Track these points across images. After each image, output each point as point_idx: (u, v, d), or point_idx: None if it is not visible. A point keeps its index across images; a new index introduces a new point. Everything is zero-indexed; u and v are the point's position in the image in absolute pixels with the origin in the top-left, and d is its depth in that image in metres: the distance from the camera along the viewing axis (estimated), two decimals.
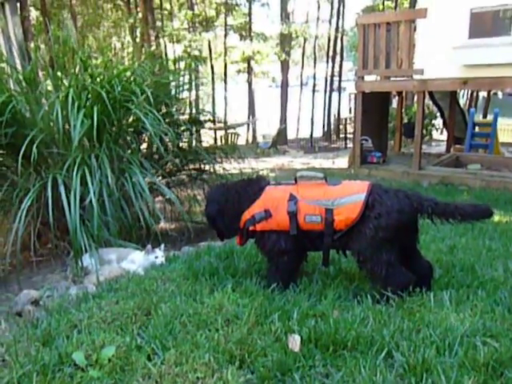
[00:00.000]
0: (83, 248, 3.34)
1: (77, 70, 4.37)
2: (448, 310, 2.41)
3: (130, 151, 4.43)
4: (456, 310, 2.40)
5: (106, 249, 3.57)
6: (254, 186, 2.81)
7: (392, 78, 8.51)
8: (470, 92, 17.08)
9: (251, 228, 2.69)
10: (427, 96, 9.35)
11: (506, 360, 1.91)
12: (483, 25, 7.27)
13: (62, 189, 3.46)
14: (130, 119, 4.47)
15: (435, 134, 15.85)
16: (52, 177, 3.56)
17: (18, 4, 6.94)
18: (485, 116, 15.15)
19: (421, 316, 2.34)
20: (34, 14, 16.86)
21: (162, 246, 3.57)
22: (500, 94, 22.03)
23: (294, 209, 2.56)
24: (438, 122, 14.54)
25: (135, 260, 3.46)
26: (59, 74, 4.45)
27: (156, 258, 3.45)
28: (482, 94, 18.28)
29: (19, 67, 4.99)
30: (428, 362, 1.89)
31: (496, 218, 4.96)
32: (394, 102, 13.72)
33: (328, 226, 2.54)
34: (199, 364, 1.91)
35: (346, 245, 2.64)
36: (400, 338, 2.11)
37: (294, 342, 2.07)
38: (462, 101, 17.14)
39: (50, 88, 4.46)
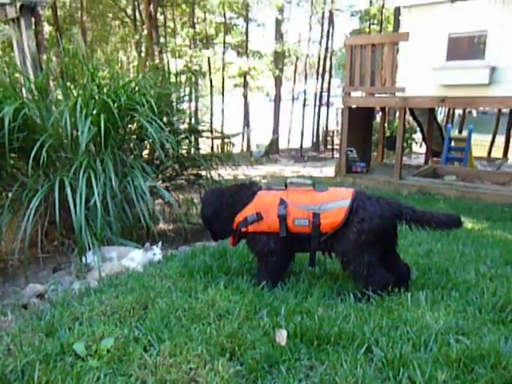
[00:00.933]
0: (87, 246, 3.31)
1: (85, 80, 4.36)
2: (424, 309, 2.41)
3: (132, 156, 4.42)
4: (431, 309, 2.40)
5: (108, 247, 3.53)
6: (246, 190, 2.81)
7: (376, 95, 8.56)
8: (447, 109, 17.21)
9: (243, 230, 2.69)
10: (408, 112, 9.41)
11: (476, 356, 1.90)
12: (460, 48, 7.32)
13: (68, 190, 3.43)
14: (134, 127, 4.46)
15: (415, 147, 15.94)
16: (59, 179, 3.53)
17: (33, 19, 6.88)
18: (460, 132, 15.29)
19: (399, 314, 2.33)
20: (46, 28, 16.82)
21: (160, 243, 3.54)
22: (474, 112, 22.22)
23: (283, 212, 2.57)
24: (418, 136, 14.64)
25: (134, 258, 3.43)
26: (69, 84, 4.43)
27: (154, 255, 3.42)
28: (458, 111, 18.45)
29: (32, 77, 4.96)
30: (405, 357, 1.88)
31: (469, 225, 4.99)
32: (378, 117, 13.81)
33: (315, 228, 2.55)
34: (192, 355, 1.89)
35: (331, 247, 2.64)
36: (379, 334, 2.10)
37: (281, 337, 2.05)
38: (440, 117, 17.27)
39: (59, 97, 4.45)
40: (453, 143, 10.19)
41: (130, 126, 4.40)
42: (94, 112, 3.92)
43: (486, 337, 2.09)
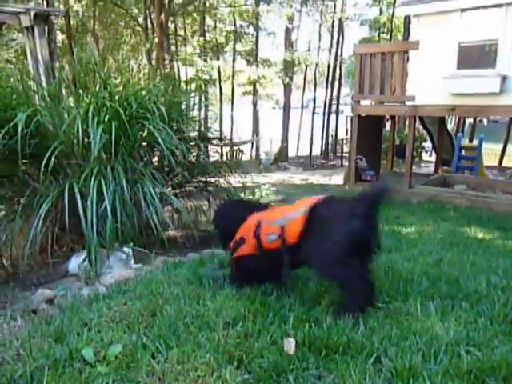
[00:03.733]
0: (94, 251, 3.32)
1: (97, 88, 4.40)
2: (434, 319, 2.38)
3: (142, 163, 4.44)
4: (441, 320, 2.37)
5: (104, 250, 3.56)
6: (250, 206, 2.92)
7: (386, 103, 8.55)
8: (457, 118, 17.12)
9: (235, 255, 2.75)
10: (418, 120, 9.38)
11: (487, 369, 1.87)
12: (470, 57, 7.30)
13: (78, 196, 3.45)
14: (145, 134, 4.49)
15: (424, 156, 15.86)
16: (69, 184, 3.56)
17: (46, 27, 7.00)
18: (471, 140, 15.19)
19: (408, 324, 2.30)
20: (59, 37, 17.09)
21: (131, 244, 3.62)
22: (485, 121, 22.07)
23: (258, 232, 2.57)
24: (428, 144, 14.57)
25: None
26: (81, 91, 4.48)
27: (123, 254, 3.51)
28: (469, 120, 18.34)
29: (44, 84, 5.03)
30: (414, 368, 1.86)
31: (480, 234, 4.94)
32: (387, 125, 13.76)
33: (283, 241, 2.48)
34: (200, 363, 1.89)
35: (306, 259, 2.52)
36: (388, 344, 2.08)
37: (289, 346, 2.04)
38: (450, 126, 17.18)
39: (71, 104, 4.49)
40: (463, 152, 10.12)
41: (140, 133, 4.43)
42: (106, 119, 3.95)
43: (497, 348, 2.06)
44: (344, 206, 2.47)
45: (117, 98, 4.28)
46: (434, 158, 12.33)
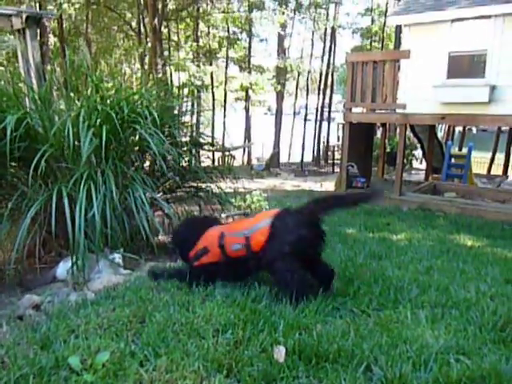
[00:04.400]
0: (82, 257, 3.27)
1: (89, 91, 4.37)
2: (424, 327, 2.37)
3: (133, 168, 4.41)
4: (431, 328, 2.37)
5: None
6: (207, 222, 3.22)
7: (377, 111, 8.60)
8: (447, 126, 17.29)
9: (196, 264, 2.98)
10: (408, 128, 9.44)
11: (477, 377, 1.87)
12: (460, 67, 7.39)
13: (65, 201, 3.41)
14: (136, 139, 4.46)
15: (415, 164, 15.98)
16: (57, 188, 3.51)
17: (38, 30, 6.95)
18: (460, 149, 15.34)
19: (398, 332, 2.30)
20: (52, 39, 17.00)
21: (121, 250, 3.63)
22: (474, 130, 22.32)
23: (222, 242, 2.88)
24: (418, 152, 14.68)
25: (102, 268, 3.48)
26: (72, 94, 4.44)
27: (113, 259, 3.51)
28: (458, 128, 18.53)
29: (35, 87, 4.98)
30: (405, 377, 1.85)
31: (469, 242, 4.97)
32: (379, 133, 13.86)
33: (248, 249, 2.80)
34: (189, 371, 1.86)
35: (265, 264, 2.79)
36: (379, 352, 2.07)
37: (280, 354, 2.02)
38: (440, 134, 17.34)
39: (62, 107, 4.45)
40: (453, 160, 10.21)
41: (132, 137, 4.40)
42: (97, 123, 3.91)
43: (486, 357, 2.06)
44: (293, 217, 2.84)
45: (108, 101, 4.24)
46: (424, 165, 12.43)
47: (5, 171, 3.83)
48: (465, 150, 12.27)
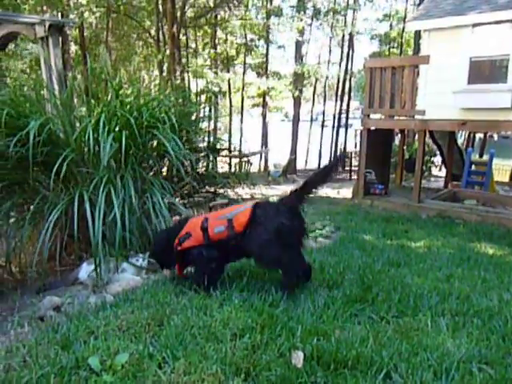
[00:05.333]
0: (102, 260, 3.32)
1: (109, 97, 4.44)
2: (445, 335, 2.34)
3: (152, 173, 4.46)
4: (452, 336, 2.34)
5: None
6: (181, 223, 3.30)
7: (395, 117, 8.54)
8: (467, 133, 17.06)
9: (179, 248, 3.08)
10: (428, 135, 9.34)
11: None
12: (481, 72, 7.30)
13: (87, 205, 3.47)
14: (155, 144, 4.51)
15: (434, 171, 15.79)
16: (79, 193, 3.57)
17: (60, 38, 7.11)
18: (481, 156, 15.10)
19: (418, 340, 2.27)
20: (73, 47, 17.37)
21: (147, 253, 3.66)
22: (495, 136, 21.96)
23: (205, 225, 3.02)
24: (437, 159, 14.51)
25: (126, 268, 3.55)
26: (92, 100, 4.53)
27: (137, 260, 3.58)
28: (479, 135, 18.25)
29: (57, 93, 5.09)
30: None
31: (490, 251, 4.88)
32: (397, 139, 13.74)
33: (230, 229, 2.95)
34: (207, 374, 1.87)
35: (246, 247, 2.95)
36: (398, 359, 2.04)
37: (298, 359, 2.01)
38: (460, 140, 17.11)
39: (83, 113, 4.54)
40: (473, 167, 10.06)
41: (150, 143, 4.46)
42: (117, 128, 3.98)
43: (510, 367, 2.02)
44: (274, 206, 3.07)
45: (128, 107, 4.32)
46: (443, 172, 12.27)
47: (27, 175, 3.91)
48: (486, 157, 12.09)
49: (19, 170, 3.88)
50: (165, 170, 5.04)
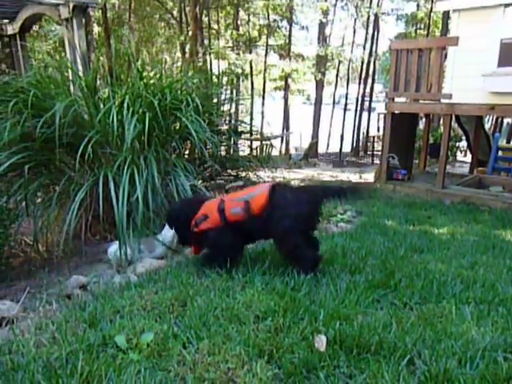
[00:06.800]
0: (126, 240, 3.37)
1: (132, 79, 4.45)
2: (469, 323, 2.31)
3: (175, 155, 4.48)
4: (477, 324, 2.31)
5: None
6: (198, 202, 3.26)
7: (421, 101, 8.34)
8: (495, 117, 16.58)
9: (196, 230, 3.08)
10: (454, 119, 9.11)
11: None
12: None
13: (111, 185, 3.51)
14: (178, 126, 4.52)
15: (459, 156, 15.44)
16: (104, 174, 3.62)
17: (84, 19, 7.14)
18: (508, 141, 14.67)
19: (442, 327, 2.25)
20: (96, 29, 17.42)
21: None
22: None
23: (222, 207, 3.02)
24: (463, 144, 14.17)
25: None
26: (116, 82, 4.55)
27: (168, 231, 3.59)
28: (507, 120, 17.72)
29: (81, 74, 5.13)
30: (449, 372, 1.81)
31: None
32: (421, 124, 13.45)
33: (247, 211, 2.94)
34: (230, 355, 1.89)
35: (266, 231, 2.99)
36: (422, 346, 2.03)
37: (321, 342, 2.02)
38: (487, 125, 16.66)
39: (107, 94, 4.56)
40: (500, 153, 9.79)
41: (173, 124, 4.47)
42: (140, 110, 4.00)
43: None
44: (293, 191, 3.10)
45: (152, 89, 4.32)
46: (469, 158, 12.00)
47: (53, 157, 3.98)
48: None
49: (46, 152, 3.95)
50: (187, 152, 5.05)
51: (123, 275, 3.14)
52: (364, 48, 23.28)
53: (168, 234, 3.60)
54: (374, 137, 20.36)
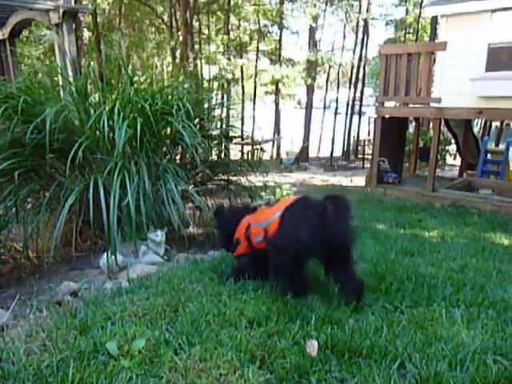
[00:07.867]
0: (118, 246, 3.35)
1: (123, 84, 4.44)
2: (459, 326, 2.33)
3: (166, 160, 4.47)
4: (467, 327, 2.33)
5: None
6: (240, 213, 3.13)
7: (410, 105, 8.42)
8: (483, 121, 16.76)
9: (235, 255, 3.05)
10: (443, 123, 9.21)
11: None
12: (500, 59, 7.13)
13: (101, 190, 3.49)
14: (168, 131, 4.52)
15: (449, 159, 15.57)
16: (94, 179, 3.60)
17: (74, 24, 7.12)
18: (497, 144, 14.83)
19: (433, 330, 2.27)
20: (86, 34, 17.37)
21: (165, 228, 3.75)
22: None
23: (248, 234, 2.87)
24: (452, 147, 14.30)
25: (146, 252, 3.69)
26: (107, 87, 4.53)
27: (156, 236, 3.66)
28: (495, 123, 17.93)
29: (71, 80, 5.11)
30: (440, 376, 1.82)
31: (505, 241, 4.83)
32: (411, 127, 13.56)
33: (266, 239, 2.72)
34: (222, 361, 1.89)
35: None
36: (413, 349, 2.04)
37: (312, 347, 2.02)
38: (476, 129, 16.82)
39: (97, 100, 4.55)
40: (489, 156, 9.90)
41: (164, 130, 4.46)
42: (131, 115, 3.99)
43: None
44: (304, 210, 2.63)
45: (142, 94, 4.32)
46: (458, 161, 12.11)
47: (43, 162, 3.95)
48: (502, 146, 11.88)
49: (36, 157, 3.92)
50: (178, 157, 5.04)
51: (114, 281, 3.12)
52: (354, 53, 23.44)
53: (156, 239, 3.60)
54: (364, 140, 20.47)
